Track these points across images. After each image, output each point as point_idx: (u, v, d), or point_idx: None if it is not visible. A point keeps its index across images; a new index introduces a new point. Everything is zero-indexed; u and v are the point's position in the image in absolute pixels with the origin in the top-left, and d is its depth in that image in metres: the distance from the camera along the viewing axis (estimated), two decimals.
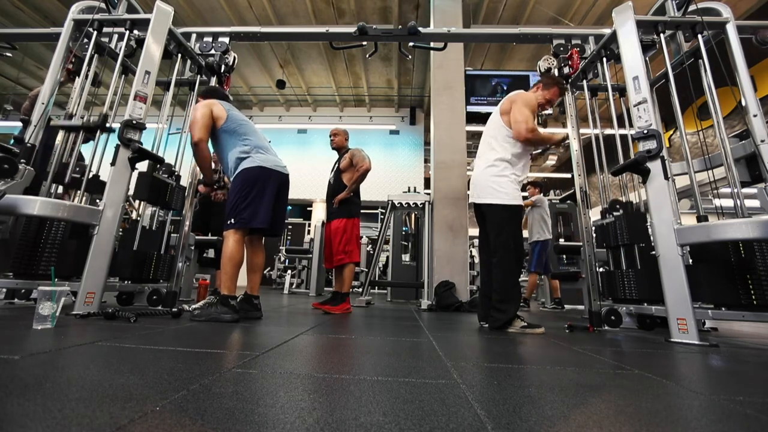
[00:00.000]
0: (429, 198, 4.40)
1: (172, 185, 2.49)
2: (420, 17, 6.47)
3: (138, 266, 2.34)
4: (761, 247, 1.78)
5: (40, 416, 0.53)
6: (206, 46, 2.75)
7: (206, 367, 0.89)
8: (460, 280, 3.96)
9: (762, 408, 0.74)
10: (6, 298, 2.33)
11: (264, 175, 2.04)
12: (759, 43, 2.36)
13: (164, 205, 2.48)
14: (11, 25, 6.66)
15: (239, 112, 2.20)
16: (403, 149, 9.62)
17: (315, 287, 5.76)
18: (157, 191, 2.36)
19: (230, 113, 2.09)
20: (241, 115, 2.17)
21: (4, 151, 1.80)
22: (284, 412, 0.61)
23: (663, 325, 1.99)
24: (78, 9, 2.41)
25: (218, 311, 1.87)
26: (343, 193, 2.93)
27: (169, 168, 2.55)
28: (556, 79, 2.35)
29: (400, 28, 2.78)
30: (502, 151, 2.18)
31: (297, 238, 8.41)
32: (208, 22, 6.77)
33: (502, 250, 2.08)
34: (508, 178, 2.14)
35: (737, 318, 1.79)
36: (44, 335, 1.20)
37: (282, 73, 8.35)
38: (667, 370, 1.15)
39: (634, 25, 2.22)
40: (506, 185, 2.14)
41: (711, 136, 5.35)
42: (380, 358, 1.13)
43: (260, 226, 2.00)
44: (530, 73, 5.99)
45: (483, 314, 2.20)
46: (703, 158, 2.30)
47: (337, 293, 2.86)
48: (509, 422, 0.61)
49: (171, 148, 2.65)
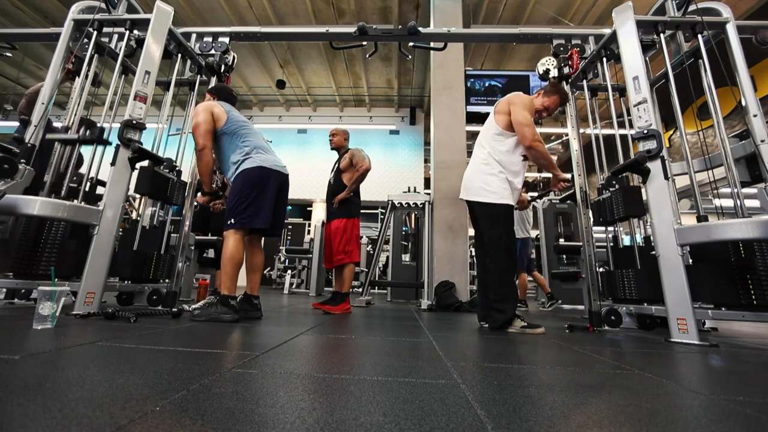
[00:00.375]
0: (429, 198, 4.40)
1: (173, 180, 2.49)
2: (420, 17, 6.47)
3: (138, 266, 2.34)
4: (761, 247, 1.78)
5: (40, 416, 0.53)
6: (206, 46, 2.75)
7: (206, 367, 0.89)
8: (460, 280, 3.96)
9: (762, 408, 0.74)
10: (6, 298, 2.33)
11: (264, 175, 2.04)
12: (759, 43, 2.36)
13: (165, 200, 2.48)
14: (11, 25, 6.67)
15: (239, 113, 2.20)
16: (403, 149, 9.63)
17: (315, 287, 5.76)
18: (159, 186, 2.36)
19: (230, 114, 2.10)
20: (242, 117, 2.17)
21: (4, 151, 1.80)
22: (284, 412, 0.61)
23: (663, 325, 1.99)
24: (78, 9, 2.41)
25: (218, 311, 1.87)
26: (343, 193, 2.93)
27: (170, 163, 2.54)
28: (559, 87, 2.28)
29: (400, 28, 2.78)
30: (491, 150, 2.17)
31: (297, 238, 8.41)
32: (208, 22, 6.78)
33: (494, 250, 2.08)
34: (496, 176, 2.13)
35: (737, 318, 1.79)
36: (44, 335, 1.20)
37: (282, 73, 8.35)
38: (667, 370, 1.15)
39: (634, 25, 2.22)
40: (494, 184, 2.12)
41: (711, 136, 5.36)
42: (380, 358, 1.13)
43: (261, 226, 2.00)
44: (530, 73, 6.00)
45: (483, 314, 2.20)
46: (703, 158, 2.30)
47: (337, 293, 2.86)
48: (509, 422, 0.61)
49: (171, 148, 2.66)
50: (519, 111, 2.10)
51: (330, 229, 2.97)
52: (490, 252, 2.10)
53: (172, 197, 2.48)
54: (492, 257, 2.09)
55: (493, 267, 2.08)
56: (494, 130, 2.18)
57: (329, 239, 2.96)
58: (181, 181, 2.58)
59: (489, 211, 2.11)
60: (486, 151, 2.19)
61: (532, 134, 2.05)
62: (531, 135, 2.05)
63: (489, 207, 2.11)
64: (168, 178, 2.44)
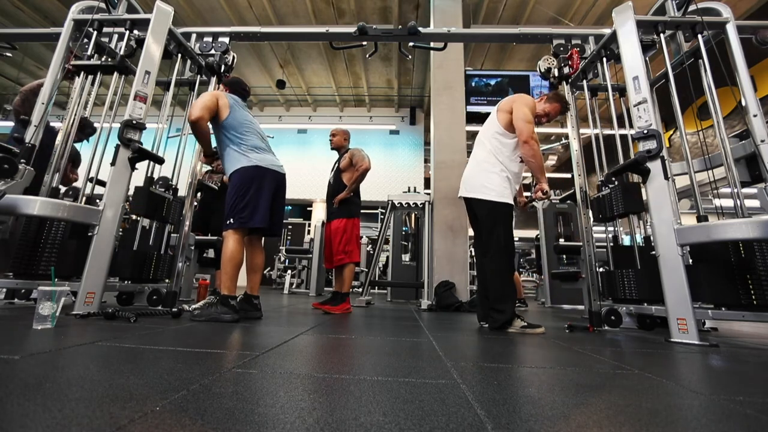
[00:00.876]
0: (429, 198, 4.40)
1: (169, 199, 2.49)
2: (420, 17, 6.47)
3: (138, 266, 2.34)
4: (761, 247, 1.78)
5: (40, 416, 0.53)
6: (206, 46, 2.75)
7: (206, 367, 0.89)
8: (460, 280, 3.96)
9: (762, 408, 0.74)
10: (6, 298, 2.33)
11: (260, 173, 2.04)
12: (759, 43, 2.36)
13: (161, 220, 2.48)
14: (11, 25, 6.66)
15: (247, 112, 2.19)
16: (403, 149, 9.62)
17: (315, 287, 5.76)
18: (154, 207, 2.37)
19: (234, 109, 2.09)
20: (247, 116, 2.16)
21: (4, 151, 1.80)
22: (284, 412, 0.61)
23: (663, 325, 1.99)
24: (78, 9, 2.41)
25: (218, 311, 1.87)
26: (343, 193, 2.93)
27: (166, 182, 2.53)
28: (561, 96, 2.31)
29: (400, 28, 2.77)
30: (492, 148, 2.17)
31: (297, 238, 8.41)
32: (208, 22, 6.78)
33: (492, 249, 2.08)
34: (498, 175, 2.13)
35: (737, 318, 1.79)
36: (44, 335, 1.20)
37: (282, 73, 8.35)
38: (667, 370, 1.15)
39: (634, 25, 2.22)
40: (495, 182, 2.12)
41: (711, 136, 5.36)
42: (380, 358, 1.13)
43: (259, 225, 2.00)
44: (530, 73, 6.00)
45: (482, 314, 2.20)
46: (703, 158, 2.30)
47: (337, 293, 2.86)
48: (509, 422, 0.61)
49: (171, 148, 2.66)
50: (521, 108, 2.11)
51: (330, 229, 2.97)
52: (489, 251, 2.10)
53: (168, 217, 2.48)
54: (491, 256, 2.09)
55: (491, 266, 2.08)
56: (496, 128, 2.18)
57: (329, 239, 2.96)
58: (178, 199, 2.57)
59: (489, 209, 2.11)
60: (487, 149, 2.19)
61: (529, 131, 2.06)
62: (528, 131, 2.06)
63: (489, 205, 2.11)
64: (164, 197, 2.44)
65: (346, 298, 2.85)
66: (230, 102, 2.09)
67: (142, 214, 2.31)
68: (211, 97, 2.02)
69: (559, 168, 11.28)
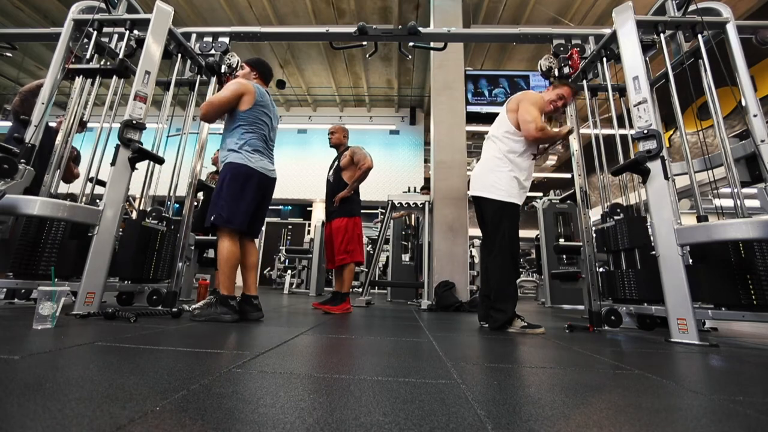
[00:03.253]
0: (429, 198, 4.40)
1: (162, 231, 2.49)
2: (420, 17, 6.47)
3: (138, 266, 2.34)
4: (761, 247, 1.78)
5: (40, 416, 0.53)
6: (206, 46, 2.75)
7: (206, 367, 0.89)
8: (460, 280, 3.96)
9: (762, 408, 0.74)
10: (6, 298, 2.33)
11: (248, 174, 2.02)
12: (759, 43, 2.36)
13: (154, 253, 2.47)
14: (11, 25, 6.66)
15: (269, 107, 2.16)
16: (403, 149, 9.62)
17: (315, 287, 5.76)
18: (146, 241, 2.38)
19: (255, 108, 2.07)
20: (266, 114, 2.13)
21: (4, 151, 1.80)
22: (284, 412, 0.61)
23: (663, 325, 1.99)
24: (78, 9, 2.41)
25: (218, 311, 1.87)
26: (344, 192, 2.93)
27: (159, 213, 2.51)
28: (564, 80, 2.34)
29: (400, 28, 2.77)
30: (503, 147, 2.18)
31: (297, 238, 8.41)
32: (208, 22, 6.78)
33: (497, 249, 2.09)
34: (506, 174, 2.14)
35: (737, 318, 1.79)
36: (44, 335, 1.20)
37: (282, 73, 8.35)
38: (667, 370, 1.15)
39: (634, 25, 2.22)
40: (504, 181, 2.13)
41: (711, 136, 5.36)
42: (380, 358, 1.13)
43: (236, 227, 1.98)
44: (530, 73, 5.99)
45: (483, 314, 2.19)
46: (703, 158, 2.30)
47: (337, 293, 2.86)
48: (509, 422, 0.61)
49: (171, 148, 2.65)
50: (525, 107, 2.12)
51: (330, 229, 2.96)
52: (493, 251, 2.10)
53: (162, 250, 2.48)
54: (495, 256, 2.09)
55: (495, 266, 2.08)
56: (506, 128, 2.20)
57: (330, 239, 2.95)
58: (171, 230, 2.56)
59: (496, 209, 2.12)
60: (497, 148, 2.20)
61: (534, 128, 2.07)
62: (534, 129, 2.06)
63: (497, 204, 2.12)
64: (157, 230, 2.45)
65: (346, 298, 2.84)
66: (257, 99, 2.07)
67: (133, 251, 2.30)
68: (232, 96, 2.01)
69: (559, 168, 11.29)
